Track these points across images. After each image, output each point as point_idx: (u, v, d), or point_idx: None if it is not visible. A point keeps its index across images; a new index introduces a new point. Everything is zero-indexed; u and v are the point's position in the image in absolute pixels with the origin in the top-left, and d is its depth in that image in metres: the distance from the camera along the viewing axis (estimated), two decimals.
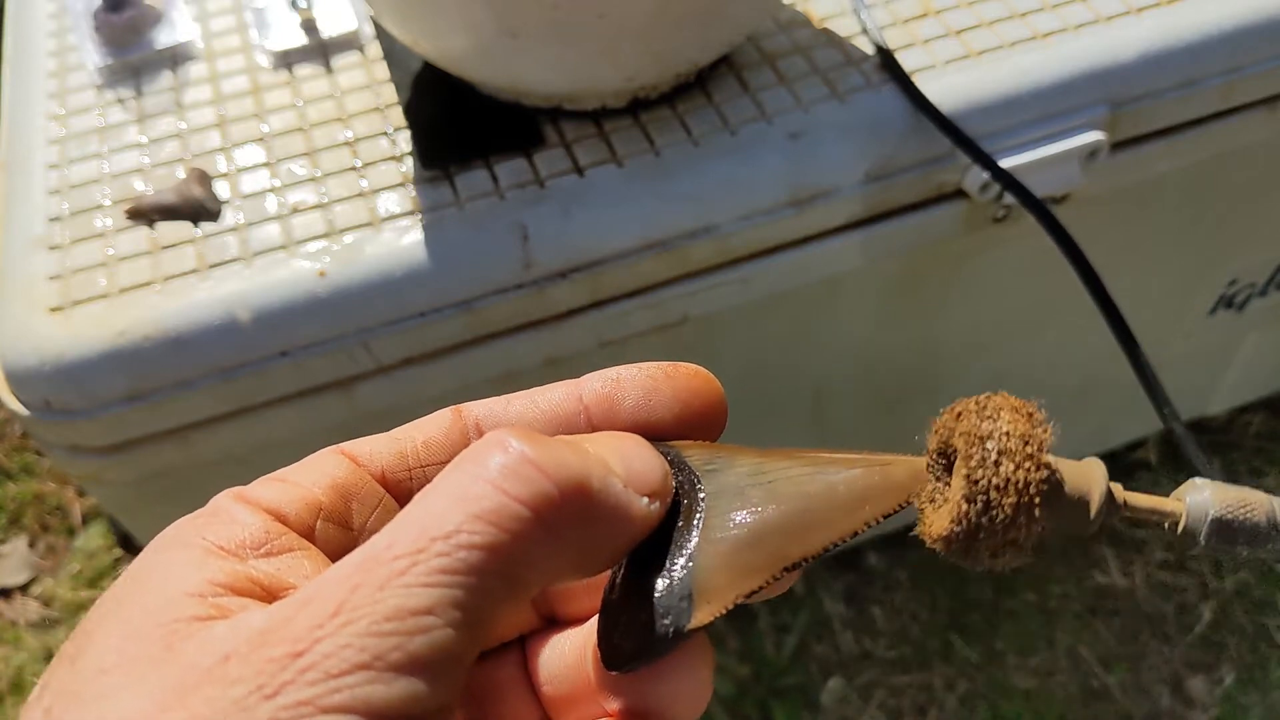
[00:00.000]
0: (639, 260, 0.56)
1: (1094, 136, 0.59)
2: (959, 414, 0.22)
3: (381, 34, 0.64)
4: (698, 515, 0.22)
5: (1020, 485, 0.20)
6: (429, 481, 0.19)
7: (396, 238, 0.54)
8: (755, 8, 0.57)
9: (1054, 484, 0.21)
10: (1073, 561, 1.03)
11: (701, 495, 0.22)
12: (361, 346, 0.54)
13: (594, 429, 0.23)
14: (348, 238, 0.54)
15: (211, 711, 0.16)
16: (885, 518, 0.21)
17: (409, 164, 0.57)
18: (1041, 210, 0.55)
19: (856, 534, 0.21)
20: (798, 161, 0.57)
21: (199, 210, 0.56)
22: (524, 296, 0.55)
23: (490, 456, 0.18)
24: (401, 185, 0.56)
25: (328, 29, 0.64)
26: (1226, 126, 0.64)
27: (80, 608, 1.07)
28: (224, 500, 0.20)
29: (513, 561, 0.18)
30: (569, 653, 0.23)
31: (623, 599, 0.21)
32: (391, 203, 0.56)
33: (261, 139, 0.59)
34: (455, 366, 0.57)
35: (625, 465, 0.20)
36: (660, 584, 0.21)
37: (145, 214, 0.56)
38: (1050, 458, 0.21)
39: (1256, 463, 1.09)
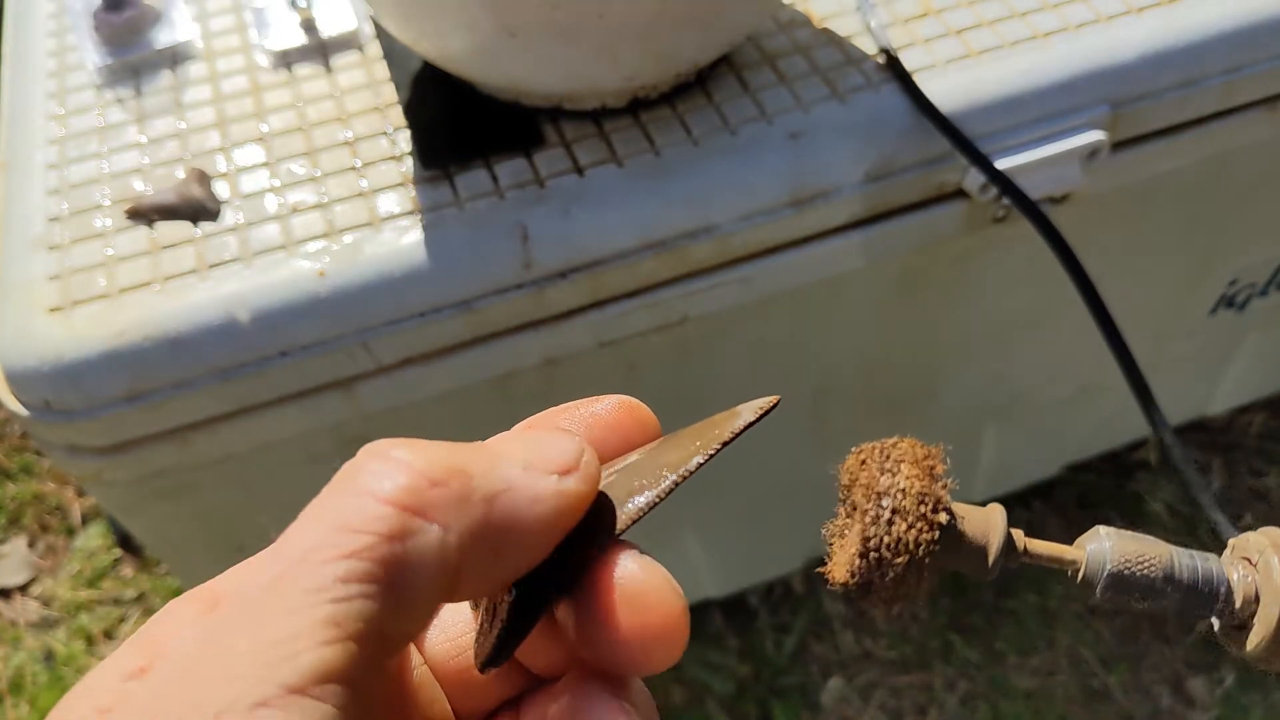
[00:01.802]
0: (639, 260, 0.56)
1: (1094, 136, 0.59)
2: (863, 461, 0.22)
3: (381, 33, 0.64)
4: None
5: (911, 545, 0.21)
6: None
7: (396, 238, 0.54)
8: (755, 8, 0.57)
9: (951, 535, 0.22)
10: None
11: None
12: (361, 346, 0.54)
13: None
14: (347, 238, 0.54)
15: None
16: (720, 446, 0.22)
17: (409, 164, 0.57)
18: (1037, 215, 0.55)
19: (699, 465, 0.21)
20: (798, 161, 0.57)
21: (199, 210, 0.56)
22: (524, 296, 0.55)
23: (360, 465, 0.18)
24: (401, 185, 0.56)
25: (327, 28, 0.64)
26: (1226, 126, 0.64)
27: (80, 608, 1.07)
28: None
29: (390, 564, 0.17)
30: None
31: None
32: (391, 203, 0.56)
33: (261, 139, 0.59)
34: (455, 366, 0.57)
35: (526, 450, 0.20)
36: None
37: (145, 214, 0.56)
38: (947, 510, 0.21)
39: (1257, 463, 1.09)
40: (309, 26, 0.64)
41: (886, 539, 0.21)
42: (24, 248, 0.55)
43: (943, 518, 0.21)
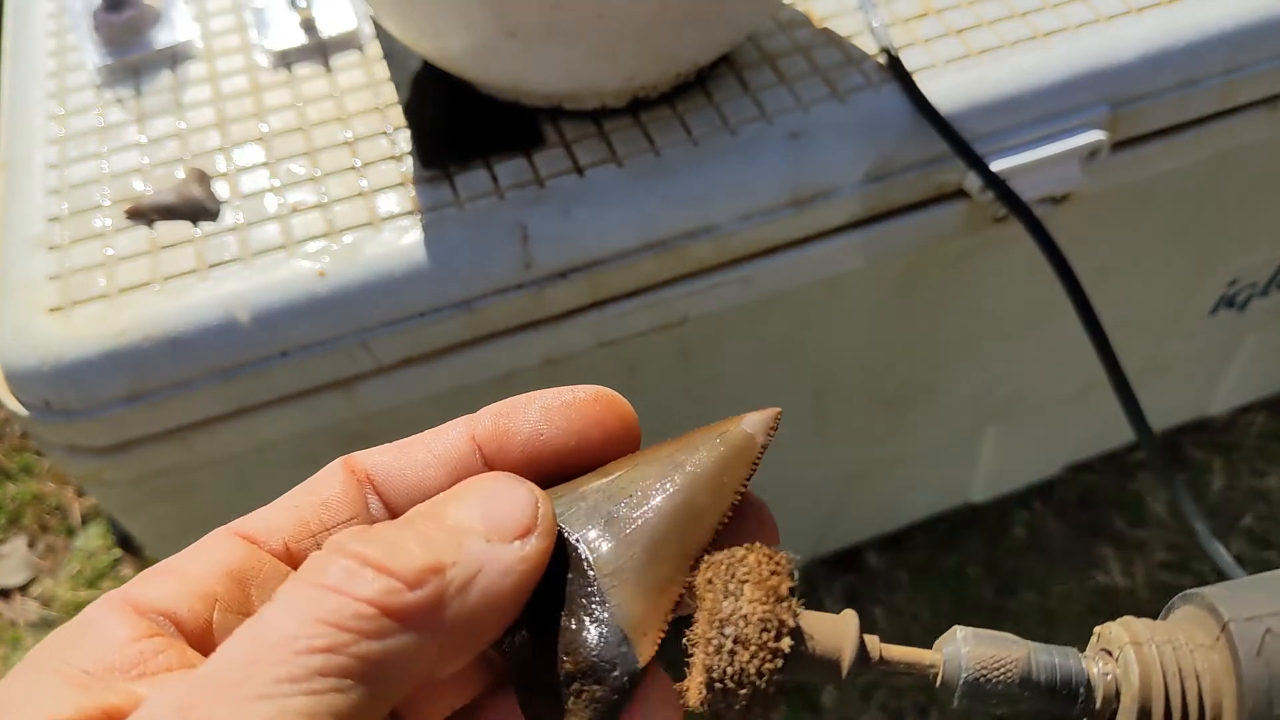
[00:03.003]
0: (639, 260, 0.56)
1: (1094, 136, 0.59)
2: (709, 580, 0.21)
3: (381, 33, 0.64)
4: (584, 559, 0.21)
5: (753, 676, 0.20)
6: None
7: (396, 238, 0.54)
8: (755, 8, 0.57)
9: (798, 657, 0.21)
10: (1074, 562, 1.03)
11: (575, 539, 0.21)
12: (361, 346, 0.54)
13: (489, 468, 0.22)
14: (347, 238, 0.54)
15: None
16: (747, 481, 0.22)
17: (409, 164, 0.57)
18: (1031, 219, 0.55)
19: (734, 505, 0.21)
20: (798, 161, 0.57)
21: (198, 210, 0.56)
22: (524, 296, 0.55)
23: (327, 565, 0.18)
24: (401, 185, 0.56)
25: (327, 28, 0.64)
26: (1226, 126, 0.64)
27: (80, 608, 1.07)
28: (101, 610, 0.19)
29: (368, 661, 0.17)
30: None
31: (548, 680, 0.20)
32: (391, 203, 0.56)
33: (261, 139, 0.59)
34: (455, 366, 0.57)
35: (486, 518, 0.20)
36: (591, 640, 0.20)
37: (145, 214, 0.56)
38: (792, 635, 0.21)
39: (1258, 463, 1.09)
40: (309, 26, 0.64)
41: (730, 670, 0.20)
42: (24, 248, 0.55)
43: (786, 645, 0.20)
